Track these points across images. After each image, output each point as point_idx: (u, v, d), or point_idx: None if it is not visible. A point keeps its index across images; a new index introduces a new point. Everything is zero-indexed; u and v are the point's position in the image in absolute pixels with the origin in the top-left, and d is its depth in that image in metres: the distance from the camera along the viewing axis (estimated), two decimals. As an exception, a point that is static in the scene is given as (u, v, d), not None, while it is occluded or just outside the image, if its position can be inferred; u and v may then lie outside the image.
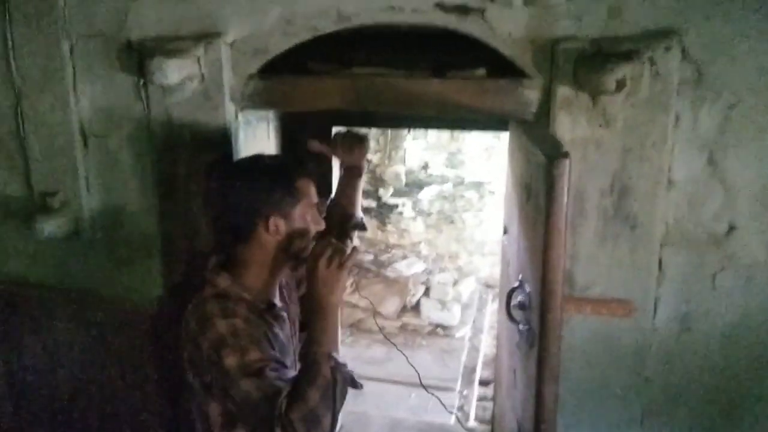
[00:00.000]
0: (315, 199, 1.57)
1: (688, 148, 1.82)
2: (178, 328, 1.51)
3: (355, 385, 1.58)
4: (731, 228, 1.86)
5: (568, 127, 1.84)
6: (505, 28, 1.83)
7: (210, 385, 1.42)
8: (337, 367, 1.37)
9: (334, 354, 1.39)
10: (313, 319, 1.44)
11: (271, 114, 2.38)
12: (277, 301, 1.60)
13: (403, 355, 2.70)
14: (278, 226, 1.48)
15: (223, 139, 2.05)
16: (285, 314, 1.61)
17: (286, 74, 2.04)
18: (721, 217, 1.86)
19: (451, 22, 1.86)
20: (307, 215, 1.54)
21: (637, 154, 1.82)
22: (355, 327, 4.77)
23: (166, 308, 2.21)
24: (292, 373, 1.40)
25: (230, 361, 1.35)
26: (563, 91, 1.82)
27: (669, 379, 2.01)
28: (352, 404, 3.57)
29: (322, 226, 1.59)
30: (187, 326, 1.47)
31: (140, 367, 2.34)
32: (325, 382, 1.33)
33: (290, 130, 2.51)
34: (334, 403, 1.34)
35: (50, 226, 2.17)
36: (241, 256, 1.52)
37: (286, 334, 1.59)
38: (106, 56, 2.08)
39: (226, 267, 1.53)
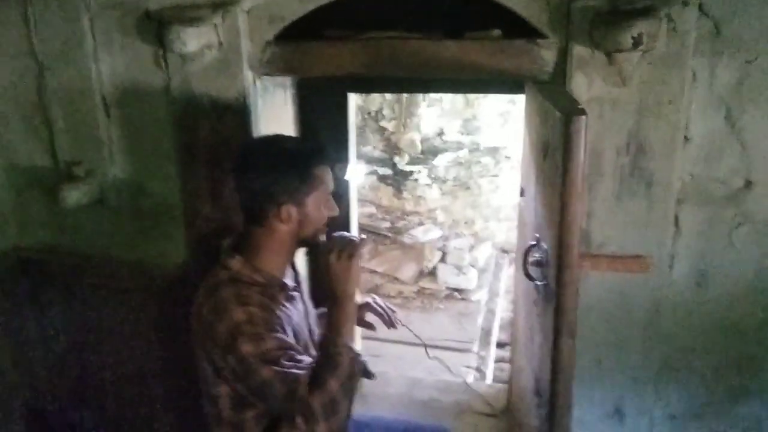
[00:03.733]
0: (332, 186, 1.56)
1: (704, 104, 1.82)
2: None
3: (369, 375, 1.64)
4: (748, 183, 1.87)
5: (584, 86, 1.84)
6: (520, -13, 1.83)
7: (221, 368, 1.43)
8: (355, 359, 1.42)
9: (352, 346, 1.43)
10: (331, 311, 1.46)
11: (288, 80, 2.40)
12: (290, 281, 1.60)
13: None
14: (291, 214, 1.48)
15: (242, 106, 2.08)
16: (298, 294, 1.62)
17: (303, 40, 2.05)
18: (737, 172, 1.86)
19: (467, -18, 1.86)
20: (321, 203, 1.52)
21: (654, 111, 1.82)
22: (374, 292, 4.85)
23: (191, 275, 2.26)
24: (308, 358, 1.42)
25: (247, 348, 1.36)
26: (579, 50, 1.82)
27: (684, 335, 2.04)
28: (371, 365, 3.65)
29: (337, 211, 1.59)
30: (199, 311, 1.46)
31: (166, 331, 2.42)
32: (345, 372, 1.38)
33: (307, 97, 2.52)
34: (352, 392, 1.40)
35: (75, 195, 2.22)
36: (254, 238, 1.52)
37: (300, 313, 1.60)
38: (125, 27, 2.10)
39: (240, 249, 1.53)
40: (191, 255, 2.28)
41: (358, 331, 2.11)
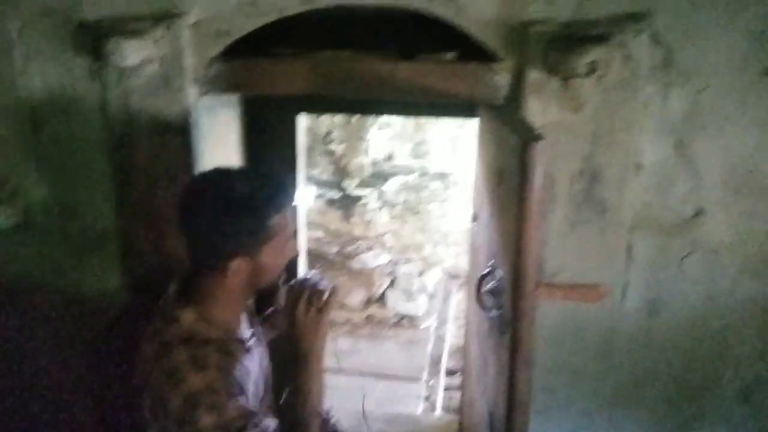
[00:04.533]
0: (292, 230, 1.40)
1: (657, 132, 1.82)
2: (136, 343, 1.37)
3: None
4: (698, 212, 1.87)
5: (538, 111, 1.82)
6: (475, 10, 1.80)
7: None
8: (325, 423, 1.32)
9: (321, 408, 1.34)
10: (298, 369, 1.34)
11: (234, 99, 2.31)
12: (246, 329, 1.46)
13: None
14: (241, 267, 1.31)
15: (184, 125, 1.97)
16: (255, 339, 1.48)
17: (250, 57, 1.97)
18: (688, 201, 1.87)
19: (422, 3, 1.82)
20: (278, 252, 1.35)
21: (607, 138, 1.81)
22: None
23: (130, 305, 2.12)
24: (272, 423, 1.27)
25: (207, 420, 1.20)
26: (534, 75, 1.80)
27: (638, 364, 2.03)
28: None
29: (296, 253, 1.44)
30: (146, 372, 1.30)
31: (99, 367, 2.25)
32: None
33: (254, 117, 2.43)
34: None
35: (-1, 217, 2.06)
36: (204, 286, 1.36)
37: (257, 363, 1.46)
38: (58, 37, 1.96)
39: (188, 296, 1.37)
40: (128, 285, 2.14)
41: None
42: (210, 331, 1.33)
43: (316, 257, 5.55)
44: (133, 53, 1.85)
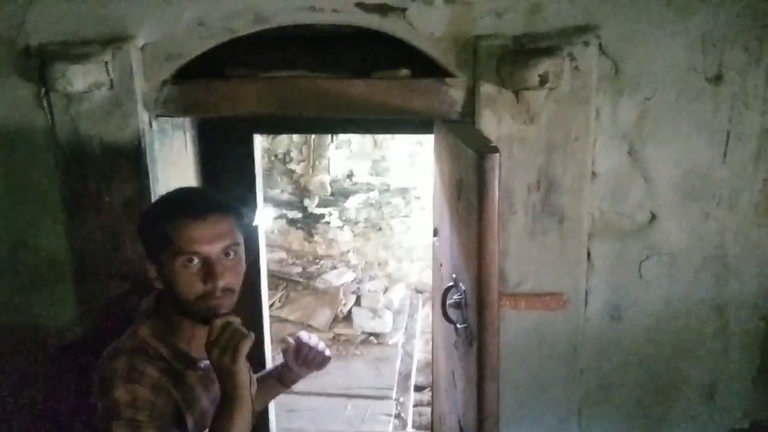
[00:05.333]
0: (193, 248, 1.26)
1: (609, 140, 1.86)
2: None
3: None
4: (653, 217, 1.92)
5: (493, 124, 1.84)
6: (426, 27, 1.82)
7: None
8: None
9: None
10: (219, 411, 1.25)
11: (187, 122, 2.27)
12: (204, 360, 1.36)
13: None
14: (150, 272, 1.30)
15: (137, 149, 1.93)
16: (210, 373, 1.37)
17: (203, 79, 1.94)
18: (642, 207, 1.91)
19: (373, 21, 1.83)
20: (178, 264, 1.25)
21: (562, 148, 1.84)
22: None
23: (87, 338, 2.05)
24: None
25: None
26: (487, 89, 1.82)
27: (603, 369, 2.05)
28: (286, 421, 3.47)
29: (217, 283, 1.27)
30: (94, 377, 1.27)
31: (49, 397, 2.16)
32: None
33: (209, 139, 2.40)
34: None
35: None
36: (159, 304, 1.35)
37: (214, 397, 1.35)
38: (2, 63, 1.91)
39: (153, 314, 1.34)
40: (84, 316, 2.07)
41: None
42: (160, 348, 1.31)
43: (279, 279, 5.48)
44: (80, 78, 1.81)
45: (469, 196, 1.59)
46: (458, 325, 1.77)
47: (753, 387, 2.06)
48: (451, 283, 1.83)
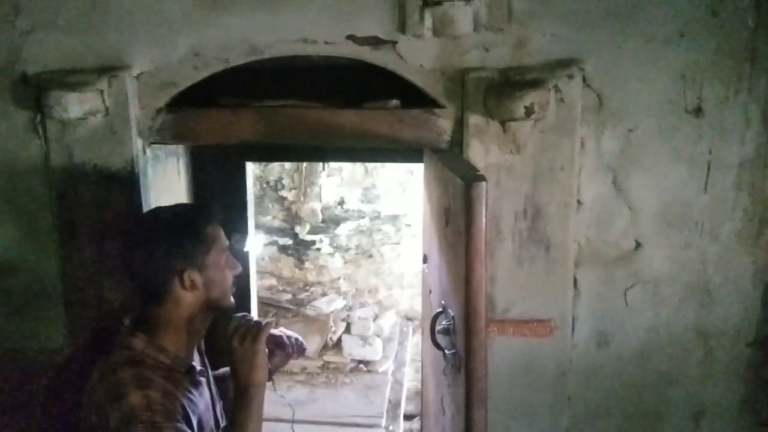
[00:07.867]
0: (226, 242, 1.49)
1: (593, 170, 1.90)
2: (82, 391, 1.37)
3: None
4: (638, 245, 1.95)
5: (480, 153, 1.88)
6: (416, 59, 1.87)
7: None
8: None
9: None
10: (237, 403, 1.37)
11: (181, 149, 2.30)
12: (197, 365, 1.48)
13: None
14: (194, 280, 1.39)
15: (130, 176, 1.95)
16: (204, 379, 1.50)
17: (196, 107, 1.98)
18: (627, 235, 1.95)
19: (364, 54, 1.88)
20: (221, 261, 1.45)
21: (548, 177, 1.88)
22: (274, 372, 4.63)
23: (73, 364, 2.04)
24: None
25: None
26: (475, 120, 1.87)
27: (589, 397, 2.06)
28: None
29: (239, 269, 1.51)
30: (92, 396, 1.33)
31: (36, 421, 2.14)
32: None
33: (202, 166, 2.43)
34: None
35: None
36: (158, 316, 1.41)
37: (206, 401, 1.47)
38: (-2, 90, 1.95)
39: (142, 327, 1.41)
40: (74, 341, 2.07)
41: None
42: (161, 357, 1.37)
43: (269, 306, 5.47)
44: (76, 105, 1.84)
45: (457, 223, 1.62)
46: (447, 351, 1.79)
47: (739, 413, 2.07)
48: (440, 310, 1.85)
